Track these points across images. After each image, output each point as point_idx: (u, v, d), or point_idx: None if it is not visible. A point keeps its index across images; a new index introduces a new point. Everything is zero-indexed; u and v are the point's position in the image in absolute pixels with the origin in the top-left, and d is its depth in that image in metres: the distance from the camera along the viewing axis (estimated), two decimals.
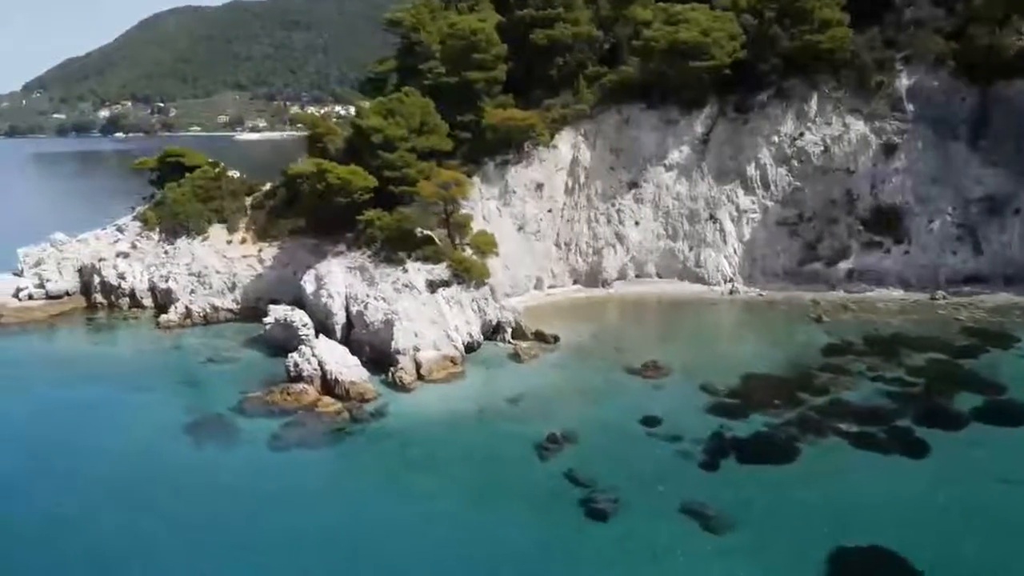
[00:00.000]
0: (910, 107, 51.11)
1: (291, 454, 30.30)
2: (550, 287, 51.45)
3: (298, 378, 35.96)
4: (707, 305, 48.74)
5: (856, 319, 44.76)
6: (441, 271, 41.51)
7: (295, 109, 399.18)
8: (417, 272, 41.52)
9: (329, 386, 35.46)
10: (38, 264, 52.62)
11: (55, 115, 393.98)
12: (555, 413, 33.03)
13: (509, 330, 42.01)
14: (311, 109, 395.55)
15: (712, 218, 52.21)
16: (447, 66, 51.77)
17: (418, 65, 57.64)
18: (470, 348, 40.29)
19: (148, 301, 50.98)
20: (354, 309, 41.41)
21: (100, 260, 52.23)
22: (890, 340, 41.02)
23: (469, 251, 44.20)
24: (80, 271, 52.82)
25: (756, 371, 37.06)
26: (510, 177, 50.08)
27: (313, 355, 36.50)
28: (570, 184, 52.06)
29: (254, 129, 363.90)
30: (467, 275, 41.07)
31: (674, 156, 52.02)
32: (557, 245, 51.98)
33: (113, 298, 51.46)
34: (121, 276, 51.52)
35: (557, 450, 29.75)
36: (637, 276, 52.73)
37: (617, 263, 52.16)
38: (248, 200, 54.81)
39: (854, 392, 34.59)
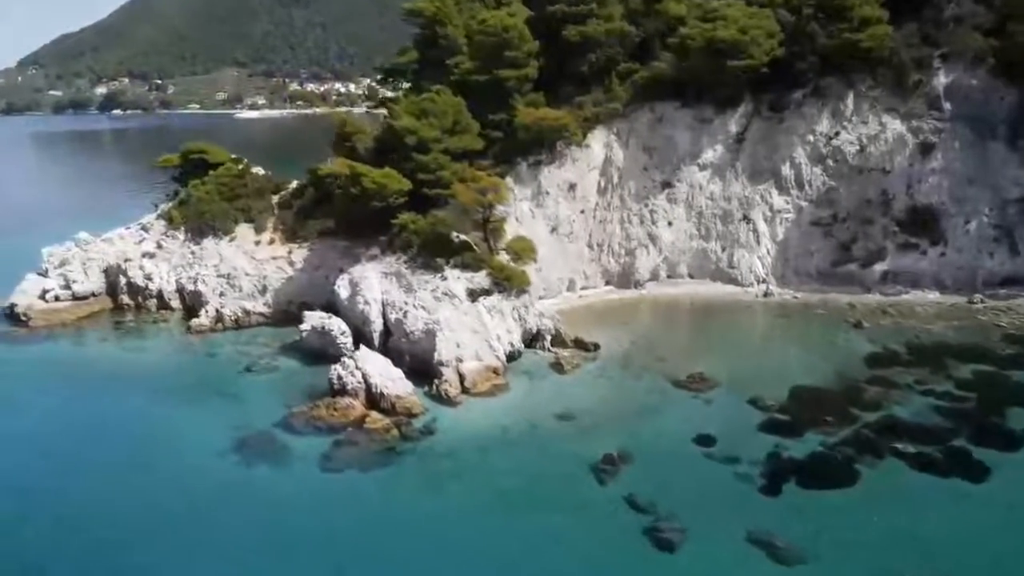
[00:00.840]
0: (947, 106, 50.39)
1: (344, 476, 29.90)
2: (582, 288, 50.95)
3: (342, 391, 35.54)
4: (742, 308, 48.32)
5: (896, 325, 44.37)
6: (481, 279, 40.97)
7: (294, 86, 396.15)
8: (457, 280, 40.99)
9: (374, 399, 35.07)
10: (63, 264, 51.90)
11: (51, 92, 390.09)
12: (606, 431, 32.72)
13: (549, 338, 41.58)
14: (310, 86, 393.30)
15: (745, 218, 51.62)
16: (476, 62, 50.81)
17: (442, 58, 56.84)
18: (511, 357, 39.89)
19: (176, 303, 50.47)
20: (392, 317, 40.94)
21: (126, 261, 51.58)
22: (934, 349, 40.67)
23: (505, 256, 43.68)
24: (106, 271, 52.16)
25: (803, 383, 36.71)
26: (543, 178, 49.33)
27: (356, 368, 36.05)
28: (602, 184, 51.32)
29: (253, 107, 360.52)
30: (508, 284, 40.54)
31: (708, 155, 51.28)
32: (589, 246, 51.36)
33: (140, 299, 50.91)
34: (148, 277, 50.92)
35: (614, 472, 29.45)
36: (669, 277, 52.26)
37: (649, 264, 51.66)
38: (274, 199, 54.05)
39: (905, 408, 34.28)
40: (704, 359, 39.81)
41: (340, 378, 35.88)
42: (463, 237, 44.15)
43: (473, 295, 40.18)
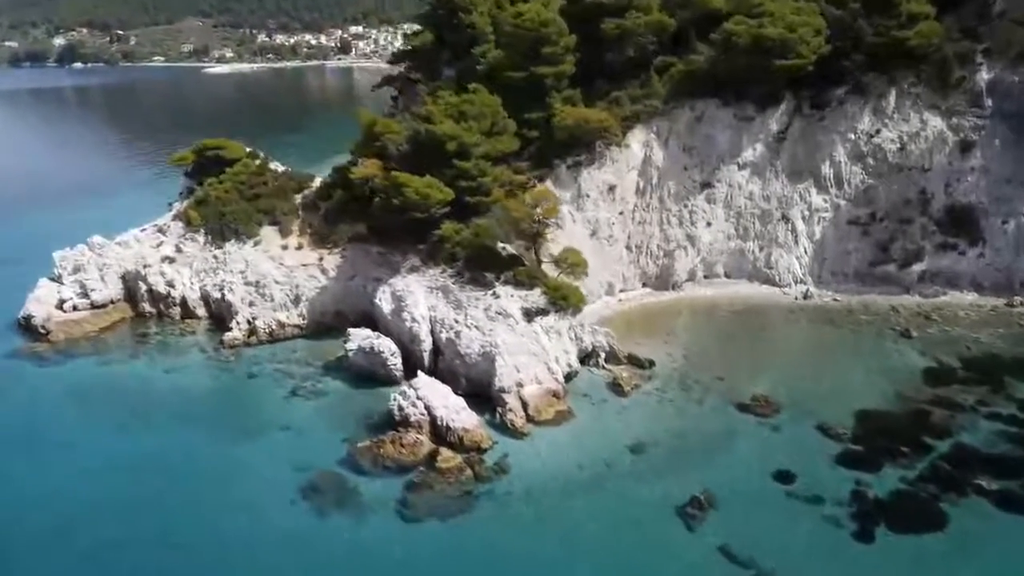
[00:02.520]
0: (989, 102, 49.63)
1: (425, 527, 29.00)
2: (621, 291, 49.99)
3: (404, 423, 34.47)
4: (785, 313, 47.78)
5: (943, 333, 44.19)
6: (536, 298, 39.76)
7: (262, 37, 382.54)
8: (510, 298, 39.74)
9: (439, 432, 34.08)
10: (78, 270, 49.49)
11: (6, 43, 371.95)
12: (681, 466, 32.24)
13: (603, 355, 40.74)
14: (279, 38, 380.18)
15: (784, 218, 50.80)
16: (509, 55, 48.62)
17: (463, 43, 54.87)
18: (567, 377, 39.00)
19: (201, 311, 48.49)
20: (443, 336, 39.71)
21: (145, 266, 49.25)
22: (987, 363, 40.53)
23: (553, 268, 42.47)
24: (123, 277, 49.84)
25: (867, 406, 36.43)
26: (583, 180, 47.83)
27: (418, 398, 34.95)
28: (641, 184, 49.94)
29: (221, 60, 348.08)
30: (564, 303, 39.39)
31: (748, 154, 50.09)
32: (628, 248, 50.21)
33: (162, 307, 48.78)
34: (170, 284, 48.76)
35: (703, 518, 29.04)
36: (706, 277, 51.56)
37: (687, 265, 50.82)
38: (297, 198, 51.81)
39: (974, 434, 34.21)
40: (762, 377, 39.36)
41: (401, 409, 34.77)
42: (510, 249, 42.81)
43: (529, 315, 39.02)
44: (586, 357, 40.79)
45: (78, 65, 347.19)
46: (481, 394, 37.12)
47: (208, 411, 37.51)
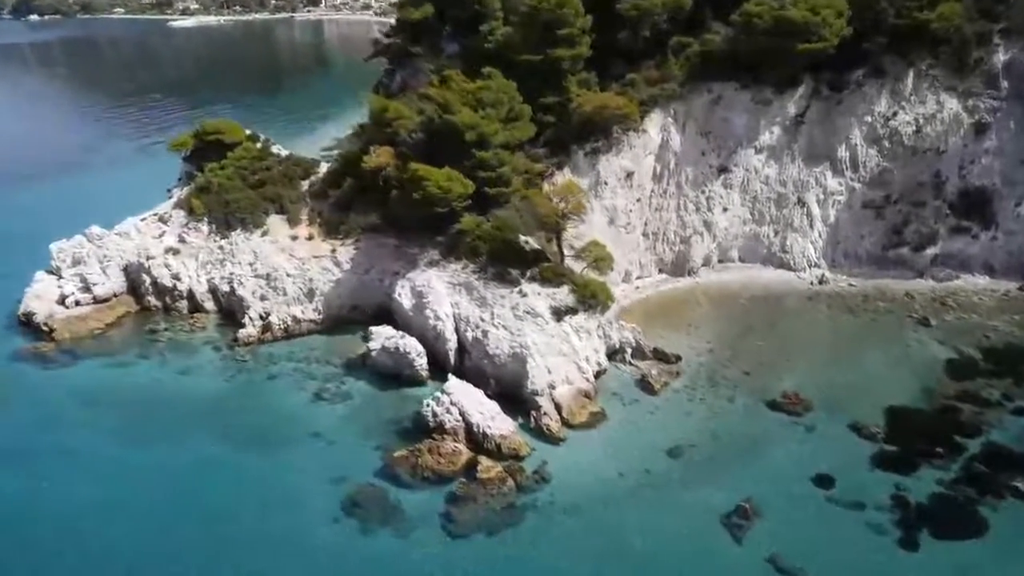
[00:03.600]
0: (1005, 84, 49.30)
1: (473, 543, 28.76)
2: (637, 278, 49.56)
3: (439, 429, 34.00)
4: (803, 300, 47.73)
5: (960, 321, 44.52)
6: (564, 296, 39.10)
7: None
8: (537, 296, 39.05)
9: (476, 439, 33.69)
10: (77, 263, 47.71)
11: None
12: (722, 471, 32.34)
13: (629, 351, 40.43)
14: None
15: (800, 202, 50.45)
16: (521, 36, 46.96)
17: (467, 18, 53.29)
18: (596, 375, 38.70)
19: (210, 304, 47.12)
20: (468, 335, 39.07)
21: (148, 258, 47.56)
22: (1007, 353, 40.96)
23: (578, 262, 41.76)
24: (126, 269, 48.18)
25: (895, 402, 36.72)
26: (601, 167, 46.82)
27: (452, 403, 34.43)
28: (658, 170, 49.10)
29: (185, 12, 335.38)
30: (594, 301, 38.82)
31: (765, 138, 49.35)
32: (644, 235, 49.63)
33: (168, 300, 47.30)
34: (175, 277, 47.21)
35: (748, 527, 29.18)
36: (720, 262, 51.30)
37: (703, 250, 50.44)
38: (304, 185, 50.20)
39: (1004, 431, 34.70)
40: (789, 372, 39.45)
41: (435, 415, 34.26)
42: (533, 243, 41.96)
43: (558, 314, 38.42)
44: (613, 353, 40.45)
45: (35, 18, 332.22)
46: (510, 395, 36.70)
47: (230, 417, 36.46)
